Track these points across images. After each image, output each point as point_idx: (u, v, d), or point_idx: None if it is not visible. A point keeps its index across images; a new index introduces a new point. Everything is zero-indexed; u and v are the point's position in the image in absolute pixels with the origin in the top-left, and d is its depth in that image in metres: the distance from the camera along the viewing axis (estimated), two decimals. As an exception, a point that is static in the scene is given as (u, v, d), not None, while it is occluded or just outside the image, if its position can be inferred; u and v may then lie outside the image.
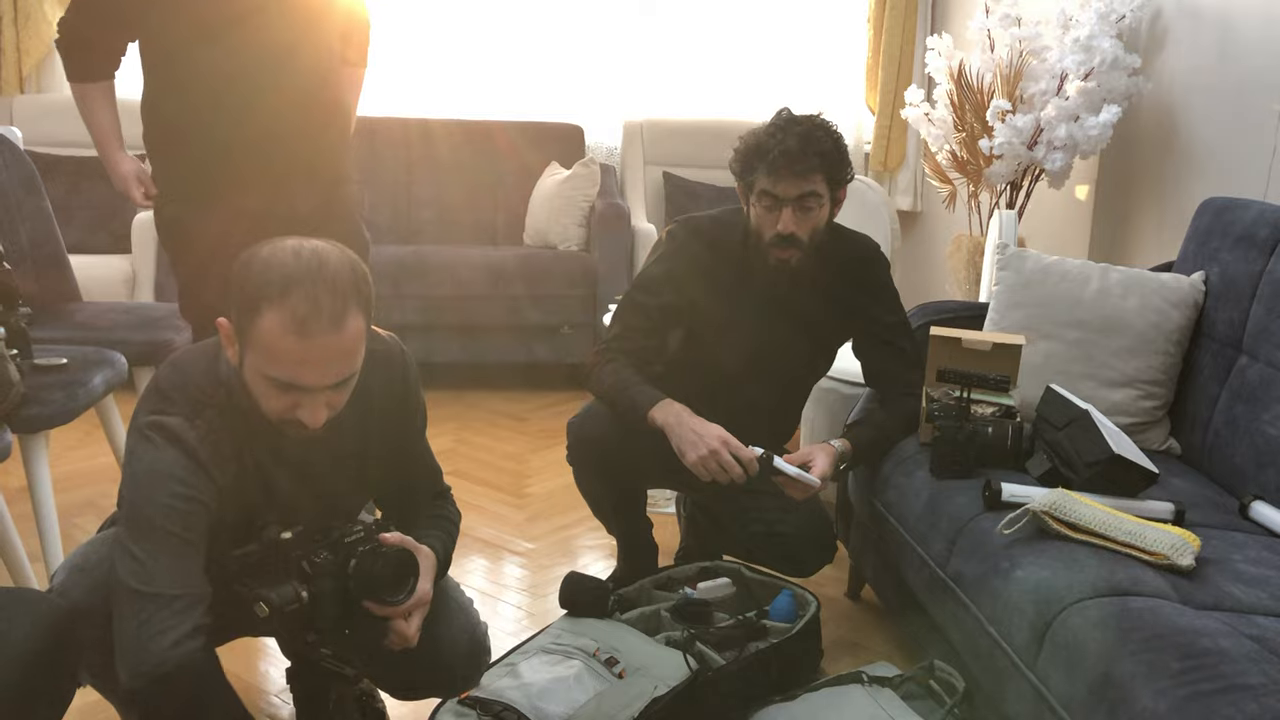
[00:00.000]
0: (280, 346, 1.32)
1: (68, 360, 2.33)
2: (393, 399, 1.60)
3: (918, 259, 4.65)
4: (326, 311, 1.32)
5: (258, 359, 1.34)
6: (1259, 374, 2.05)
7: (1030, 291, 2.30)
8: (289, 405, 1.37)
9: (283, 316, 1.30)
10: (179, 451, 1.39)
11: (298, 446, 1.48)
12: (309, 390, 1.35)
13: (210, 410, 1.42)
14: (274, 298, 1.31)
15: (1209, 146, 2.89)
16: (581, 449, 2.17)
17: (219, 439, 1.42)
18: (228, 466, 1.44)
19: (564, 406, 3.93)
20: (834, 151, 2.04)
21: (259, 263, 1.34)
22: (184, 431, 1.39)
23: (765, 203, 2.04)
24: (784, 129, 2.02)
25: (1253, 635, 1.42)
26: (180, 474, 1.38)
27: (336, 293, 1.33)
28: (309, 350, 1.32)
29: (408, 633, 1.49)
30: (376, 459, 1.61)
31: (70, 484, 3.00)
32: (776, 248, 2.06)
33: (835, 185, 2.07)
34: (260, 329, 1.32)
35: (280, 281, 1.31)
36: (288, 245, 1.35)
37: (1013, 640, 1.60)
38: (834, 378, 2.68)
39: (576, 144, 4.47)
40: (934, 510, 1.94)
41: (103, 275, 3.75)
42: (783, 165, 1.99)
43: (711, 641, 2.00)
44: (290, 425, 1.39)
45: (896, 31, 4.47)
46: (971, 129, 3.42)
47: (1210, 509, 1.91)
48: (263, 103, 2.13)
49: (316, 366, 1.34)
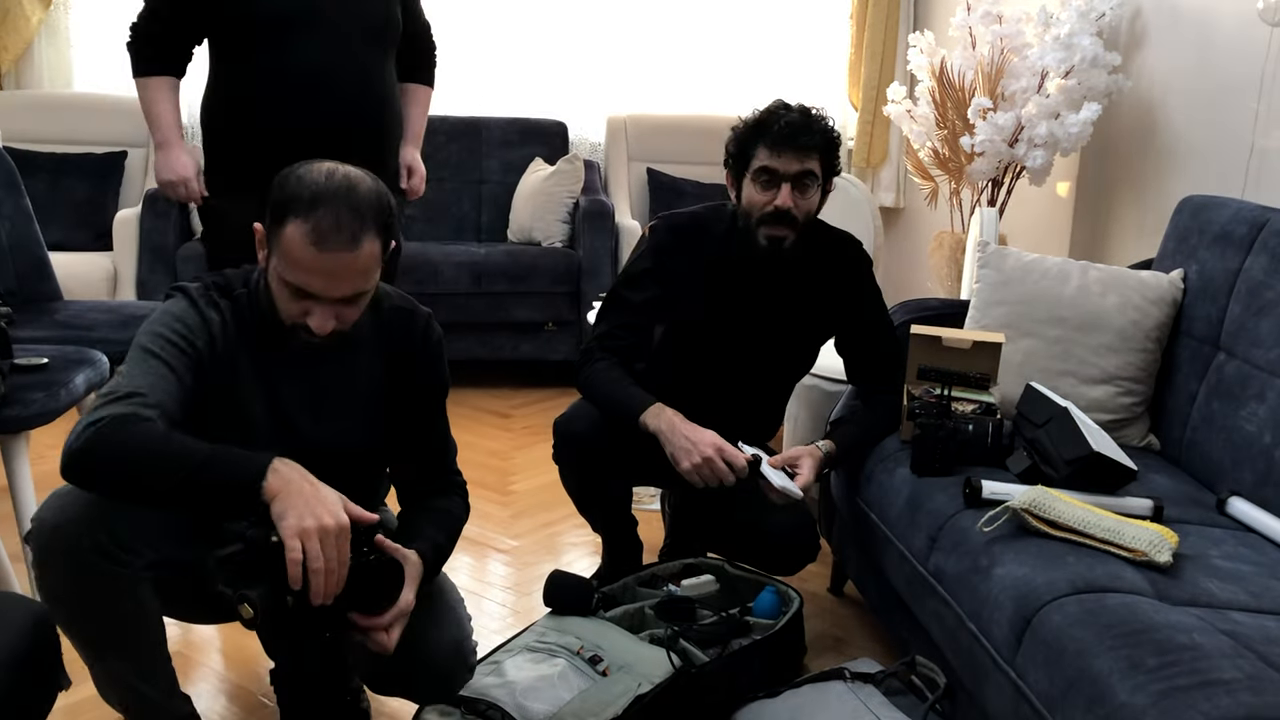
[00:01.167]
0: (299, 254, 1.44)
1: (49, 360, 2.32)
2: (415, 353, 1.70)
3: (900, 255, 4.67)
4: (346, 229, 1.44)
5: (279, 263, 1.47)
6: (1236, 371, 2.07)
7: (1011, 289, 2.31)
8: (301, 310, 1.49)
9: (306, 228, 1.43)
10: (186, 303, 1.55)
11: (311, 364, 1.61)
12: (319, 299, 1.47)
13: (228, 297, 1.58)
14: (301, 210, 1.44)
15: (1188, 144, 2.91)
16: (568, 448, 2.17)
17: (229, 320, 1.56)
18: (235, 351, 1.56)
19: (549, 403, 3.93)
20: (832, 134, 2.08)
21: (294, 177, 1.48)
22: (196, 293, 1.56)
23: (763, 179, 2.06)
24: (785, 108, 2.07)
25: (1228, 630, 1.43)
26: (179, 314, 1.53)
27: (357, 214, 1.45)
28: (323, 261, 1.44)
29: (386, 644, 1.50)
30: (392, 406, 1.70)
31: (50, 483, 2.95)
32: (769, 224, 2.07)
33: (828, 173, 2.10)
34: (285, 236, 1.45)
35: (309, 196, 1.44)
36: (324, 165, 1.50)
37: (992, 636, 1.61)
38: (817, 375, 2.69)
39: (560, 140, 4.47)
40: (915, 507, 1.95)
41: (84, 273, 3.73)
42: (786, 138, 2.02)
43: (695, 639, 2.01)
44: (301, 330, 1.51)
45: (879, 28, 4.48)
46: (953, 126, 3.43)
47: (1188, 505, 1.93)
48: (328, 96, 2.28)
49: (329, 278, 1.46)
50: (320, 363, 1.62)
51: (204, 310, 1.55)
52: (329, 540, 1.34)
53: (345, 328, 1.53)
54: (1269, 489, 1.90)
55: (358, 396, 1.67)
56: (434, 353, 1.72)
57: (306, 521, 1.33)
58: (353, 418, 1.67)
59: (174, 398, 1.46)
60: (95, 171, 4.06)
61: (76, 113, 4.21)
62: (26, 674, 1.30)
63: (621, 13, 4.52)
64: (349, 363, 1.65)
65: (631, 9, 4.53)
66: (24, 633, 1.32)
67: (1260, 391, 1.99)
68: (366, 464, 1.74)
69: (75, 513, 1.40)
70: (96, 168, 4.07)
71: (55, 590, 1.42)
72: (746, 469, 1.97)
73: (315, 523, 1.33)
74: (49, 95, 4.27)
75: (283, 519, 1.34)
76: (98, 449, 1.36)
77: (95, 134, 4.17)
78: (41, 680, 1.36)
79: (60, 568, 1.40)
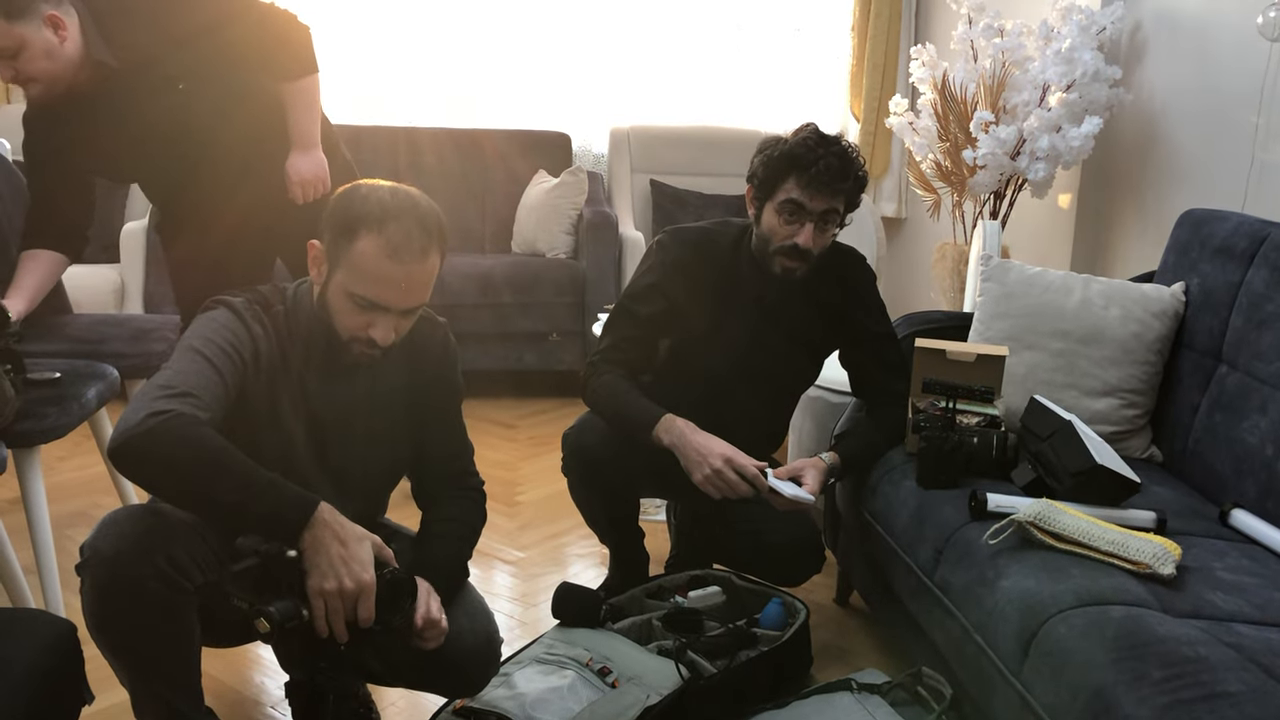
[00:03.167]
0: (372, 267, 1.51)
1: (61, 375, 2.34)
2: (435, 362, 1.77)
3: (902, 265, 4.69)
4: (417, 243, 1.52)
5: (347, 277, 1.53)
6: (1238, 383, 2.09)
7: (1014, 302, 2.33)
8: (364, 323, 1.55)
9: (380, 241, 1.50)
10: (232, 315, 1.58)
11: (344, 380, 1.65)
12: (386, 310, 1.54)
13: (268, 312, 1.62)
14: (373, 225, 1.50)
15: (1188, 158, 2.94)
16: (576, 460, 2.19)
17: (269, 333, 1.60)
18: (275, 367, 1.60)
19: (553, 414, 3.95)
20: (863, 179, 2.12)
21: (359, 196, 1.54)
22: (241, 307, 1.60)
23: (789, 210, 2.07)
24: (824, 145, 2.06)
25: (1232, 643, 1.45)
26: (226, 323, 1.57)
27: (425, 229, 1.54)
28: (397, 273, 1.52)
29: (441, 629, 1.57)
30: (413, 415, 1.76)
31: (62, 495, 3.00)
32: (786, 256, 2.09)
33: (850, 209, 2.13)
34: (356, 250, 1.51)
35: (379, 212, 1.51)
36: (385, 184, 1.57)
37: (998, 648, 1.63)
38: (821, 386, 2.71)
39: (564, 152, 4.50)
40: (921, 520, 1.97)
41: (91, 285, 3.75)
42: (823, 181, 2.03)
43: (702, 650, 2.03)
44: (359, 343, 1.57)
45: (881, 40, 4.51)
46: (955, 139, 3.46)
47: (1191, 517, 1.94)
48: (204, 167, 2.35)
49: (400, 289, 1.53)
50: (353, 378, 1.67)
51: (250, 324, 1.59)
52: (349, 600, 1.42)
53: (399, 339, 1.60)
54: (1271, 501, 1.92)
55: (386, 409, 1.72)
56: (452, 361, 1.80)
57: (328, 583, 1.41)
58: (381, 431, 1.73)
59: (220, 404, 1.50)
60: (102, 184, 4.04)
61: (84, 126, 4.23)
62: (52, 689, 1.32)
63: (624, 25, 4.55)
64: (378, 376, 1.70)
65: (634, 21, 4.56)
66: (48, 649, 1.33)
67: (1262, 404, 2.01)
68: (390, 474, 1.82)
69: (134, 540, 1.42)
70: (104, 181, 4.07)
71: (110, 617, 1.43)
72: (759, 476, 1.99)
73: (336, 584, 1.41)
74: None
75: (309, 577, 1.41)
76: (160, 441, 1.38)
77: (102, 147, 4.18)
78: (66, 695, 1.38)
79: (119, 595, 1.41)
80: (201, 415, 1.43)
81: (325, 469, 1.68)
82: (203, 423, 1.42)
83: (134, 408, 1.41)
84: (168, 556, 1.41)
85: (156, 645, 1.47)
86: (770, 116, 4.63)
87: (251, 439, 1.54)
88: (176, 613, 1.45)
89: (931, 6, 4.53)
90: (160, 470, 1.39)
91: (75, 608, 1.49)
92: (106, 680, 1.58)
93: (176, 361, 1.50)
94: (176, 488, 1.41)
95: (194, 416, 1.42)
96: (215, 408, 1.48)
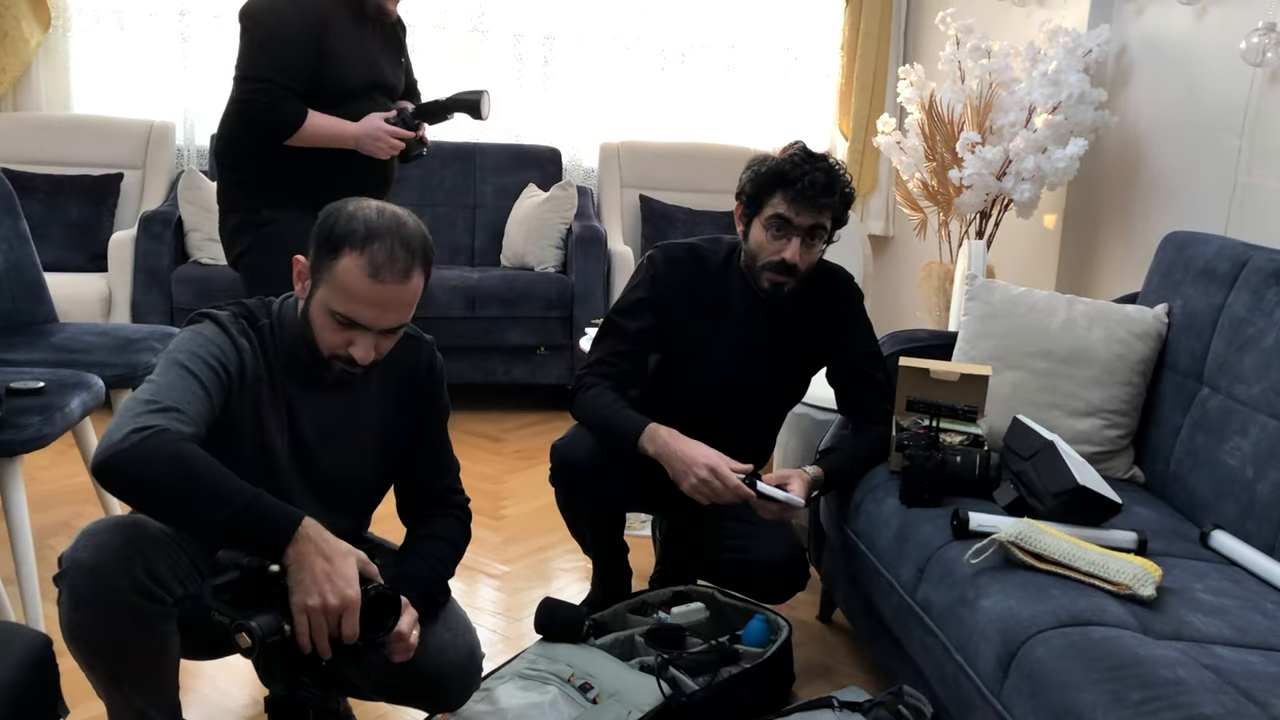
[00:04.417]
0: (353, 286, 1.51)
1: (44, 384, 2.33)
2: (420, 380, 1.77)
3: (889, 282, 4.71)
4: (400, 263, 1.52)
5: (328, 294, 1.53)
6: (1219, 405, 2.11)
7: (999, 322, 2.35)
8: (344, 341, 1.55)
9: (362, 260, 1.50)
10: (218, 329, 1.58)
11: (327, 395, 1.65)
12: (365, 329, 1.54)
13: (254, 326, 1.62)
14: (356, 243, 1.50)
15: (1172, 180, 2.96)
16: (565, 472, 2.19)
17: (255, 347, 1.60)
18: (260, 381, 1.60)
19: (541, 428, 3.95)
20: (849, 195, 2.14)
21: (345, 213, 1.54)
22: (227, 321, 1.59)
23: (775, 226, 2.10)
24: (810, 161, 2.10)
25: (1210, 665, 1.46)
26: (212, 337, 1.57)
27: (409, 250, 1.53)
28: (377, 293, 1.51)
29: (410, 646, 1.55)
30: (397, 432, 1.76)
31: (44, 504, 2.99)
32: (773, 272, 2.12)
33: (836, 225, 2.15)
34: (338, 268, 1.51)
35: (364, 231, 1.51)
36: (372, 203, 1.57)
37: (979, 668, 1.64)
38: (807, 404, 2.72)
39: (554, 166, 4.50)
40: (903, 538, 1.98)
41: (78, 294, 3.74)
42: (809, 196, 2.06)
43: (685, 666, 2.03)
44: (339, 360, 1.57)
45: (869, 59, 4.54)
46: (942, 159, 3.48)
47: (1172, 538, 1.95)
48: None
49: (380, 309, 1.53)
50: (337, 393, 1.67)
51: (235, 338, 1.59)
52: (333, 616, 1.41)
53: (380, 358, 1.59)
54: (1251, 523, 1.93)
55: (369, 425, 1.72)
56: (437, 379, 1.79)
57: (312, 599, 1.40)
58: (365, 447, 1.73)
59: (204, 419, 1.49)
60: (91, 193, 4.07)
61: (74, 135, 4.23)
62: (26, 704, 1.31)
63: (615, 41, 4.57)
64: (361, 392, 1.70)
65: (625, 38, 4.58)
66: (23, 663, 1.32)
67: (1243, 426, 2.02)
68: (374, 489, 1.80)
69: (113, 552, 1.41)
70: (92, 189, 4.08)
71: (86, 628, 1.43)
72: (741, 486, 1.99)
73: (320, 601, 1.40)
74: (47, 117, 4.29)
75: (293, 593, 1.41)
76: (144, 457, 1.37)
77: (92, 156, 4.19)
78: (40, 710, 1.37)
79: (98, 607, 1.41)
80: (186, 430, 1.43)
81: (309, 484, 1.68)
82: (187, 438, 1.42)
83: (118, 423, 1.41)
84: (147, 569, 1.41)
85: (134, 658, 1.46)
86: (759, 134, 4.65)
87: (235, 453, 1.53)
88: (155, 626, 1.45)
89: (920, 27, 4.57)
90: (145, 487, 1.39)
91: (55, 619, 1.48)
92: (83, 693, 1.57)
93: (161, 375, 1.50)
94: (161, 503, 1.41)
95: (178, 432, 1.41)
96: (199, 422, 1.47)
